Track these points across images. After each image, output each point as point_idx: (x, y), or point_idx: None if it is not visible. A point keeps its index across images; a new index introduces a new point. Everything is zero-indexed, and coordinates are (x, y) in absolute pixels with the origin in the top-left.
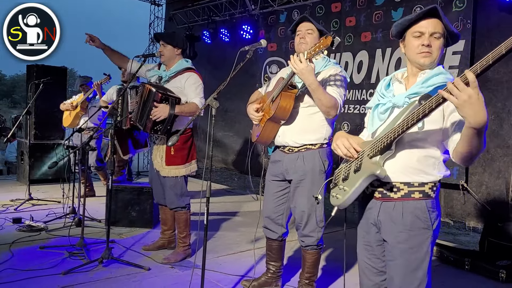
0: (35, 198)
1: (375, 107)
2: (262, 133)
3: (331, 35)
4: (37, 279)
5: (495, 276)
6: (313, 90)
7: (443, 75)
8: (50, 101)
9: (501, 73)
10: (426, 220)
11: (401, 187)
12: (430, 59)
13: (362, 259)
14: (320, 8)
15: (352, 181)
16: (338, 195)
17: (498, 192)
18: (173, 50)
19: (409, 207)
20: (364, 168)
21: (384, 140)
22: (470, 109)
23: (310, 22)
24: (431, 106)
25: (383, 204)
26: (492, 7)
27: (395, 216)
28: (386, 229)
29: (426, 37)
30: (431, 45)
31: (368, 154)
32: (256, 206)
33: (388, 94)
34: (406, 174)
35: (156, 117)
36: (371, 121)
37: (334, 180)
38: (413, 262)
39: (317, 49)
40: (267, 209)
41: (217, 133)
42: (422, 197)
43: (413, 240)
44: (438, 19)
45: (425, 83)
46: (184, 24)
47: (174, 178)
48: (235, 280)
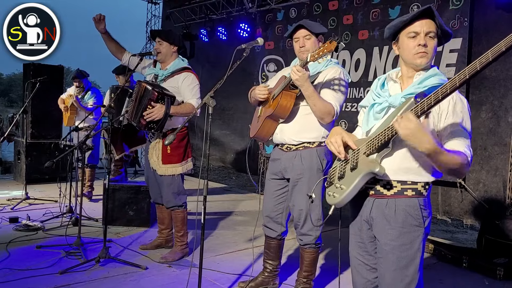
0: (32, 197)
1: (371, 106)
2: (260, 130)
3: (336, 40)
4: (34, 279)
5: (492, 274)
6: (308, 97)
7: (438, 76)
8: (47, 100)
9: (498, 71)
10: (418, 217)
11: (395, 185)
12: (426, 59)
13: (355, 256)
14: (318, 6)
15: (349, 179)
16: (335, 193)
17: (496, 189)
18: (169, 48)
19: (401, 204)
20: (361, 166)
21: (381, 138)
22: (413, 140)
23: (306, 29)
24: (430, 103)
25: (376, 201)
26: (489, 5)
27: (387, 213)
28: (378, 225)
29: (421, 36)
30: (427, 44)
31: (364, 152)
32: (253, 205)
33: (384, 93)
34: (402, 172)
35: (152, 118)
36: (366, 120)
37: (329, 178)
38: (404, 259)
39: (320, 52)
40: (266, 208)
41: (214, 131)
42: (414, 194)
43: (404, 237)
44: (431, 19)
45: (421, 84)
46: (181, 23)
47: (171, 177)
48: (233, 278)
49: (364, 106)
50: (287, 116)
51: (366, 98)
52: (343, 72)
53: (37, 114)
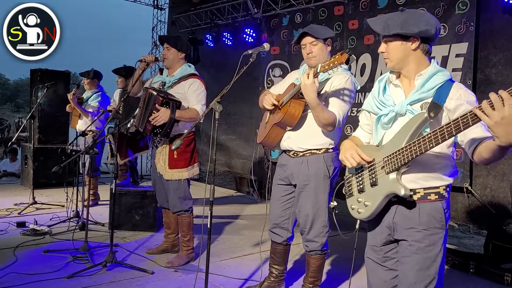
0: (39, 202)
1: (377, 118)
2: (267, 137)
3: (347, 52)
4: (41, 283)
5: (500, 279)
6: (312, 108)
7: (440, 72)
8: (53, 105)
9: (504, 76)
10: (441, 220)
11: (418, 191)
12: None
13: (371, 258)
14: (323, 11)
15: (372, 196)
16: (359, 209)
17: (503, 194)
18: (177, 54)
19: (425, 208)
20: (383, 184)
21: (401, 158)
22: (503, 130)
23: (312, 36)
24: (458, 127)
25: (399, 207)
26: (496, 9)
27: (411, 216)
28: (401, 229)
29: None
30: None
31: (382, 166)
32: (259, 210)
33: (388, 102)
34: (422, 181)
35: (157, 122)
36: (375, 131)
37: (347, 188)
38: (428, 260)
39: (331, 64)
40: (273, 213)
41: (220, 136)
42: (437, 198)
43: (428, 239)
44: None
45: (424, 87)
46: (187, 28)
47: (177, 182)
48: (239, 283)
49: (367, 110)
50: (295, 124)
51: (368, 102)
52: (351, 79)
53: (44, 119)
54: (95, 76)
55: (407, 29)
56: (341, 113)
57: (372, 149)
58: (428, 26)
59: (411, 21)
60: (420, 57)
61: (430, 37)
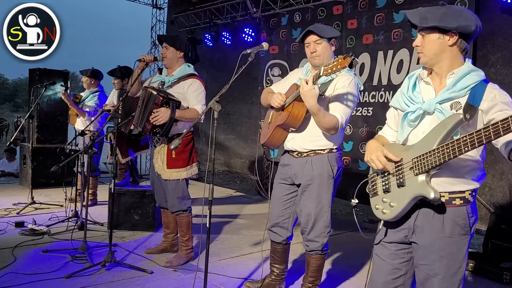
0: (38, 202)
1: (404, 115)
2: (271, 138)
3: (350, 56)
4: (40, 283)
5: (499, 278)
6: (313, 113)
7: (474, 72)
8: (52, 104)
9: (503, 75)
10: (466, 226)
11: (442, 194)
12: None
13: (380, 256)
14: (322, 11)
15: (398, 197)
16: (384, 209)
17: (501, 193)
18: (176, 53)
19: (449, 214)
20: (411, 186)
21: (432, 160)
22: None
23: (317, 35)
24: (497, 132)
25: (422, 210)
26: (494, 9)
27: (434, 223)
28: (423, 234)
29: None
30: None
31: (411, 167)
32: (258, 209)
33: (417, 98)
34: (448, 185)
35: (157, 121)
36: (400, 128)
37: (371, 187)
38: (453, 266)
39: (334, 68)
40: (273, 212)
41: (218, 136)
42: (462, 203)
43: (453, 246)
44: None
45: (455, 86)
46: (186, 28)
47: (175, 181)
48: (238, 283)
49: (394, 107)
50: (298, 125)
51: (396, 98)
52: (355, 81)
53: (43, 119)
54: (93, 75)
55: (446, 22)
56: (344, 116)
57: (399, 149)
58: (468, 22)
59: (450, 15)
60: (455, 54)
61: (470, 33)
